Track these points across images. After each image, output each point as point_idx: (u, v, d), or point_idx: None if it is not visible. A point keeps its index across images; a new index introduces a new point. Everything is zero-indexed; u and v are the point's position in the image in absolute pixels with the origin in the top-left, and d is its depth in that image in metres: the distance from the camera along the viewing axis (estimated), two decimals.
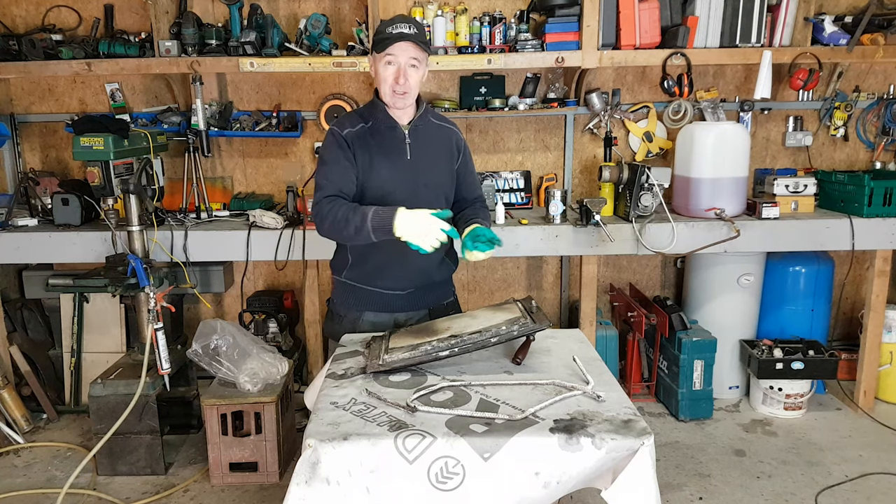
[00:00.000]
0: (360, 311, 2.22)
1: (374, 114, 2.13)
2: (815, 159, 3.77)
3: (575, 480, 1.42)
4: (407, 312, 2.24)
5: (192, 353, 2.83)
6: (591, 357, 1.85)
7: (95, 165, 2.74)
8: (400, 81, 2.02)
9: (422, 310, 2.26)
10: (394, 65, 2.03)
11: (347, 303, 2.25)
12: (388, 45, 1.99)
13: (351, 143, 2.09)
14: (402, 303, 2.22)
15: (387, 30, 2.00)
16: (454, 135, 2.25)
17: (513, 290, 3.94)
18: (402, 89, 2.03)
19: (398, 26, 1.99)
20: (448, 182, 2.23)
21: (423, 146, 2.15)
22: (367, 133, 2.11)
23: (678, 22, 3.27)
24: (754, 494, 2.71)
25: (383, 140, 2.11)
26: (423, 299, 2.25)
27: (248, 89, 3.69)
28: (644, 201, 3.10)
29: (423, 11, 3.34)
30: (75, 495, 2.78)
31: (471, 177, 2.32)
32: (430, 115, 2.22)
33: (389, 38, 1.99)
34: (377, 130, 2.12)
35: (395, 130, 2.11)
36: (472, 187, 2.31)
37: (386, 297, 2.20)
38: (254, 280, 3.89)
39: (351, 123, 2.13)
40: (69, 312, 3.56)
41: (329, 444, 1.40)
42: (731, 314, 3.47)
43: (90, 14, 3.55)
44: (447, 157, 2.22)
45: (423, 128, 2.17)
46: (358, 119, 2.15)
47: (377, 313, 2.22)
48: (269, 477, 2.86)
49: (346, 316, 2.24)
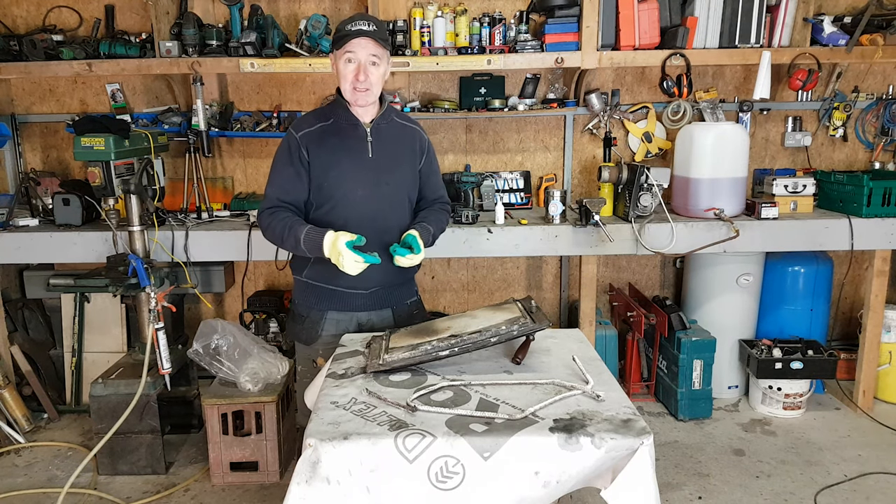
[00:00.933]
0: (323, 311, 2.22)
1: (336, 111, 2.14)
2: (814, 159, 3.78)
3: (574, 480, 1.42)
4: (369, 312, 2.23)
5: (192, 353, 2.84)
6: (590, 357, 1.85)
7: (96, 166, 2.74)
8: (360, 78, 2.03)
9: (385, 308, 2.26)
10: (354, 62, 2.04)
11: (309, 302, 2.24)
12: (347, 42, 2.00)
13: (305, 145, 2.10)
14: (365, 302, 2.21)
15: (346, 27, 2.01)
16: (417, 135, 2.25)
17: (512, 290, 3.95)
18: (364, 86, 2.04)
19: (357, 23, 2.00)
20: (410, 181, 2.23)
21: (386, 145, 2.15)
22: (327, 131, 2.12)
23: (677, 22, 3.28)
24: (753, 494, 2.72)
25: (345, 138, 2.12)
26: (386, 298, 2.24)
27: (249, 90, 3.70)
28: (643, 201, 3.10)
29: (423, 12, 3.35)
30: (76, 495, 2.79)
31: (434, 177, 2.33)
32: (393, 114, 2.22)
33: (348, 35, 2.00)
34: (339, 128, 2.13)
35: (357, 128, 2.12)
36: (434, 187, 2.33)
37: (348, 295, 2.19)
38: (254, 280, 3.89)
39: (309, 123, 2.14)
40: (70, 312, 3.57)
41: (329, 444, 1.40)
42: (731, 314, 3.48)
43: (91, 14, 3.55)
44: (410, 156, 2.22)
45: (386, 126, 2.17)
46: (318, 117, 2.16)
47: (340, 312, 2.21)
48: (270, 476, 2.86)
49: (309, 316, 2.23)
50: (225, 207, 3.57)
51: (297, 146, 2.11)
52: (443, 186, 2.39)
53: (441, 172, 3.67)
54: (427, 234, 2.15)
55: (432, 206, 2.31)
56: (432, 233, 2.19)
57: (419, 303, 2.38)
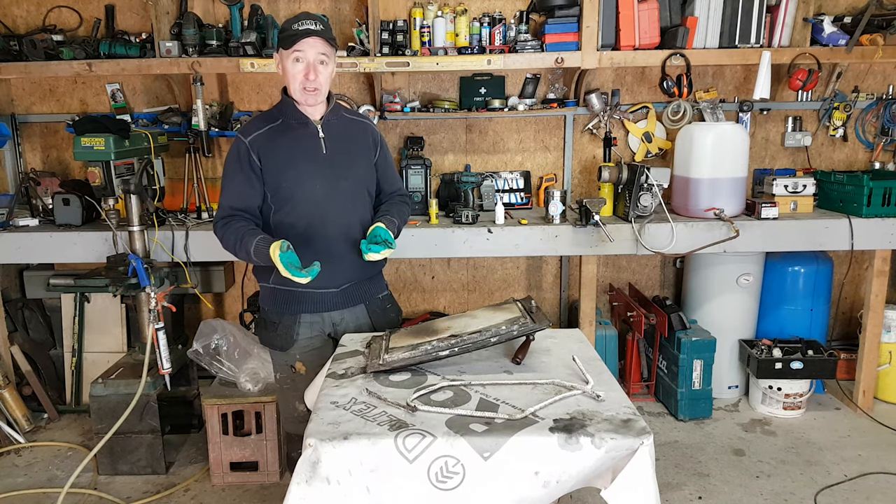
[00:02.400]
0: (296, 315, 2.19)
1: (284, 111, 2.13)
2: (814, 159, 3.78)
3: (574, 480, 1.42)
4: (342, 310, 2.22)
5: (192, 353, 2.84)
6: (590, 357, 1.86)
7: (96, 166, 2.74)
8: (310, 77, 2.03)
9: (357, 305, 2.24)
10: (302, 61, 2.03)
11: (280, 308, 2.21)
12: (295, 42, 1.99)
13: (255, 147, 2.08)
14: (337, 300, 2.19)
15: (292, 27, 2.00)
16: (369, 129, 2.25)
17: (512, 290, 3.95)
18: (313, 85, 2.04)
19: (304, 23, 1.99)
20: (368, 175, 2.23)
21: (339, 140, 2.15)
22: (276, 132, 2.11)
23: (677, 22, 3.28)
24: (753, 494, 2.72)
25: (296, 137, 2.11)
26: (358, 294, 2.23)
27: (249, 90, 3.70)
28: (643, 201, 3.10)
29: (423, 12, 3.35)
30: (76, 495, 2.79)
31: (390, 170, 2.33)
32: (342, 111, 2.22)
33: (296, 35, 1.99)
34: (288, 127, 2.11)
35: (308, 126, 2.11)
36: (391, 180, 2.32)
37: (320, 296, 2.17)
38: (254, 280, 3.88)
39: (257, 126, 2.12)
40: (70, 312, 3.57)
41: (329, 444, 1.40)
42: (731, 314, 3.48)
43: (91, 15, 3.55)
44: (364, 150, 2.22)
45: (337, 122, 2.17)
46: (265, 120, 2.14)
47: (313, 314, 2.19)
48: (270, 476, 2.87)
49: (281, 322, 2.20)
50: None
51: (247, 151, 2.08)
52: (399, 179, 2.39)
53: (441, 172, 3.68)
54: (392, 226, 2.14)
55: (392, 199, 2.30)
56: (397, 225, 2.19)
57: (390, 296, 2.38)
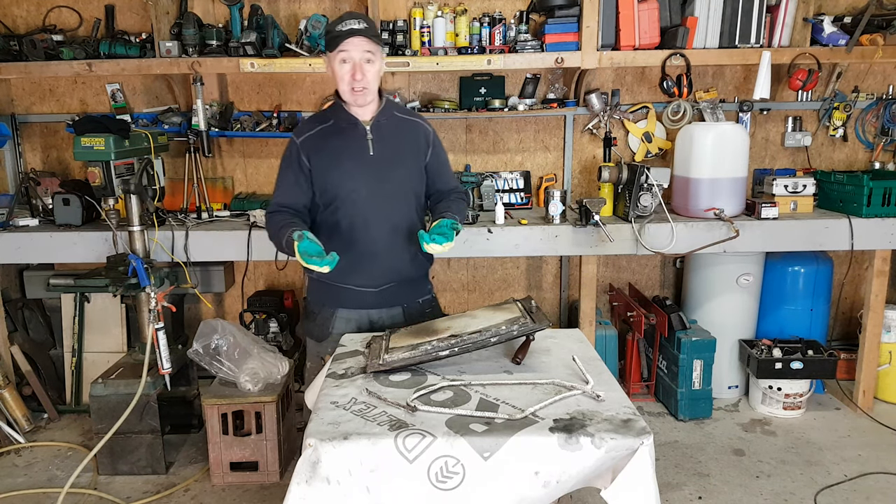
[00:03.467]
0: (333, 308, 2.22)
1: (336, 113, 2.16)
2: (814, 159, 3.78)
3: (574, 480, 1.42)
4: (380, 309, 2.22)
5: (192, 353, 2.84)
6: (590, 357, 1.85)
7: (96, 166, 2.74)
8: (357, 77, 2.04)
9: (395, 307, 2.24)
10: (349, 62, 2.04)
11: (320, 300, 2.25)
12: (340, 42, 2.00)
13: (305, 148, 2.13)
14: (375, 300, 2.20)
15: (336, 28, 2.01)
16: (421, 128, 2.23)
17: (512, 290, 3.95)
18: (361, 85, 2.05)
19: (347, 23, 2.00)
20: (415, 176, 2.22)
21: (387, 141, 2.15)
22: (327, 133, 2.14)
23: (677, 22, 3.28)
24: (753, 494, 2.72)
25: (345, 138, 2.13)
26: (397, 296, 2.23)
27: (249, 90, 3.70)
28: (643, 201, 3.10)
29: (423, 12, 3.35)
30: (76, 495, 2.79)
31: (444, 168, 2.31)
32: (394, 110, 2.21)
33: (340, 35, 1.99)
34: (338, 129, 2.14)
35: (357, 127, 2.13)
36: (445, 178, 2.31)
37: (358, 293, 2.19)
38: (254, 280, 3.89)
39: (309, 127, 2.17)
40: (70, 312, 3.57)
41: (329, 444, 1.40)
42: (731, 314, 3.48)
43: (91, 15, 3.55)
44: (413, 151, 2.20)
45: (387, 123, 2.17)
46: (318, 121, 2.18)
47: (350, 310, 2.21)
48: (270, 476, 2.86)
49: (320, 313, 2.24)
50: (225, 207, 3.57)
51: (297, 151, 2.14)
52: (454, 178, 2.37)
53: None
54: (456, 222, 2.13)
55: (449, 197, 2.28)
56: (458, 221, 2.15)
57: (433, 301, 2.35)
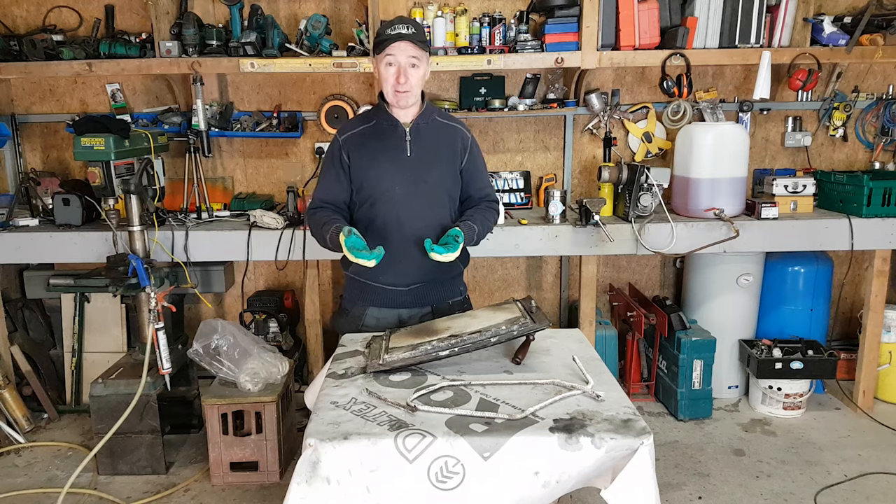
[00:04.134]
0: (365, 307, 2.27)
1: (378, 113, 2.22)
2: (814, 159, 3.78)
3: (574, 480, 1.42)
4: (410, 309, 2.26)
5: (192, 353, 2.84)
6: (590, 357, 1.86)
7: (96, 166, 2.74)
8: (401, 81, 2.09)
9: (425, 307, 2.28)
10: (394, 65, 2.10)
11: (353, 298, 2.30)
12: (387, 46, 2.06)
13: (346, 146, 2.20)
14: (406, 299, 2.24)
15: (385, 31, 2.08)
16: (459, 133, 2.27)
17: (513, 290, 3.95)
18: (404, 88, 2.10)
19: (396, 27, 2.06)
20: (450, 179, 2.25)
21: (425, 144, 2.20)
22: (368, 132, 2.21)
23: (677, 22, 3.28)
24: (753, 494, 2.72)
25: (385, 138, 2.18)
26: (427, 296, 2.26)
27: (249, 90, 3.70)
28: (643, 201, 3.10)
29: (423, 12, 3.35)
30: (76, 495, 2.79)
31: (479, 175, 2.33)
32: (435, 114, 2.26)
33: (388, 39, 2.06)
34: (379, 129, 2.20)
35: (397, 129, 2.18)
36: (478, 185, 2.33)
37: (389, 292, 2.23)
38: (254, 280, 3.89)
39: (353, 126, 2.24)
40: (70, 312, 3.57)
41: (329, 444, 1.40)
42: (731, 314, 3.48)
43: (91, 14, 3.55)
44: (451, 155, 2.24)
45: (426, 126, 2.21)
46: (361, 120, 2.26)
47: (380, 308, 2.26)
48: (270, 476, 2.86)
49: (352, 311, 2.29)
50: (225, 207, 3.57)
51: (339, 149, 2.20)
52: (490, 185, 2.38)
53: None
54: (471, 232, 2.15)
55: (479, 205, 2.31)
56: (477, 231, 2.18)
57: (464, 302, 2.36)
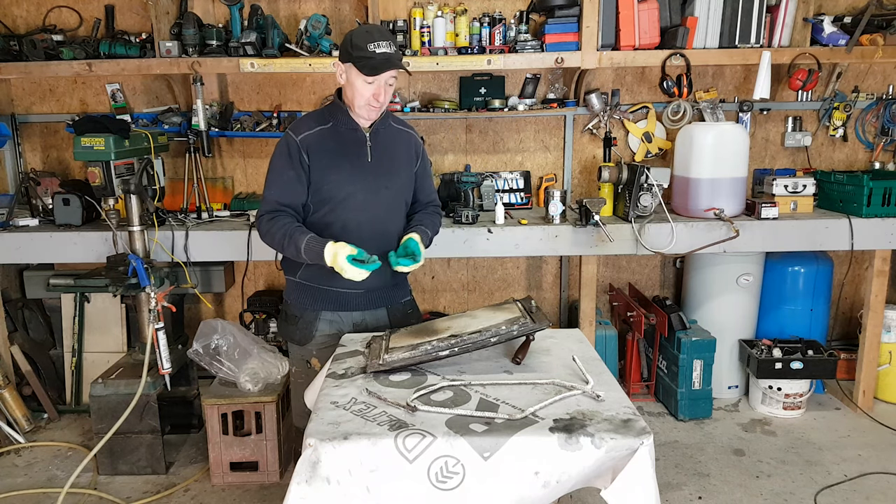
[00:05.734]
0: (317, 311, 2.22)
1: (336, 115, 2.15)
2: (814, 159, 3.78)
3: (574, 480, 1.42)
4: (363, 311, 2.25)
5: (192, 353, 2.84)
6: (590, 357, 1.86)
7: (96, 166, 2.74)
8: (380, 99, 2.07)
9: (379, 308, 2.27)
10: (374, 83, 2.04)
11: (303, 303, 2.24)
12: (377, 73, 2.00)
13: (305, 146, 2.10)
14: (360, 301, 2.22)
15: (368, 47, 1.98)
16: (413, 139, 2.29)
17: (512, 290, 3.95)
18: (380, 105, 2.09)
19: (379, 45, 1.99)
20: (407, 184, 2.27)
21: (384, 149, 2.19)
22: (326, 134, 2.14)
23: (677, 22, 3.28)
24: (753, 494, 2.72)
25: (344, 142, 2.14)
26: (381, 298, 2.26)
27: (249, 90, 3.70)
28: (643, 201, 3.10)
29: (423, 12, 3.35)
30: (76, 495, 2.79)
31: (427, 180, 2.37)
32: (390, 119, 2.25)
33: (376, 66, 1.99)
34: (338, 132, 2.14)
35: (357, 133, 2.15)
36: (427, 191, 2.37)
37: (343, 295, 2.20)
38: (254, 280, 3.89)
39: (308, 126, 2.14)
40: (70, 312, 3.57)
41: (329, 444, 1.40)
42: (731, 314, 3.48)
43: (91, 15, 3.55)
44: (407, 160, 2.26)
45: (384, 131, 2.20)
46: (317, 121, 2.16)
47: (334, 312, 2.22)
48: (270, 476, 2.86)
49: (302, 317, 2.24)
50: (225, 207, 3.57)
51: (297, 149, 2.10)
52: (434, 191, 2.43)
53: (441, 172, 3.71)
54: (426, 237, 2.20)
55: (426, 209, 2.35)
56: (430, 236, 2.24)
57: (413, 302, 2.41)
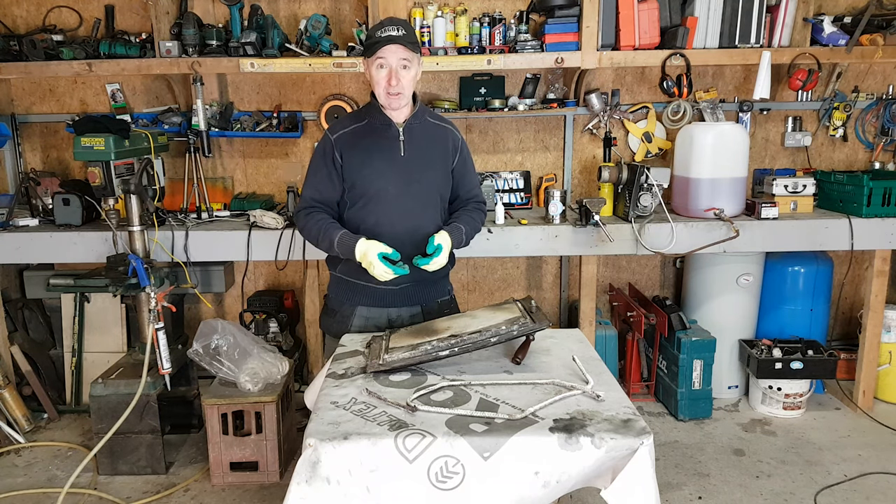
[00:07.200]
0: (353, 306, 2.26)
1: (371, 113, 2.22)
2: (814, 159, 3.78)
3: (574, 480, 1.42)
4: (399, 308, 2.27)
5: (192, 353, 2.84)
6: (590, 357, 1.86)
7: (96, 166, 2.74)
8: (392, 83, 2.09)
9: (414, 306, 2.29)
10: (385, 67, 2.10)
11: (341, 297, 2.29)
12: (378, 49, 2.07)
13: (339, 145, 2.18)
14: (395, 298, 2.24)
15: (375, 34, 2.08)
16: (451, 134, 2.29)
17: (512, 290, 3.95)
18: (396, 90, 2.11)
19: (386, 29, 2.06)
20: (442, 180, 2.27)
21: (418, 144, 2.21)
22: (361, 131, 2.20)
23: (677, 22, 3.28)
24: (753, 494, 2.72)
25: (378, 138, 2.18)
26: (417, 295, 2.27)
27: (249, 90, 3.70)
28: (643, 201, 3.10)
29: (423, 12, 3.35)
30: (76, 495, 2.79)
31: (469, 176, 2.36)
32: (426, 115, 2.27)
33: (378, 42, 2.06)
34: (372, 129, 2.20)
35: (390, 128, 2.18)
36: (468, 187, 2.36)
37: (378, 291, 2.22)
38: (254, 280, 3.89)
39: (344, 125, 2.23)
40: (70, 312, 3.57)
41: (329, 444, 1.40)
42: (731, 314, 3.48)
43: (91, 15, 3.55)
44: (442, 155, 2.26)
45: (419, 126, 2.22)
46: (353, 119, 2.25)
47: (370, 308, 2.26)
48: (270, 476, 2.86)
49: (340, 310, 2.28)
50: (225, 207, 3.57)
51: (331, 148, 2.19)
52: (478, 186, 2.41)
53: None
54: (459, 233, 2.19)
55: (466, 206, 2.34)
56: (465, 232, 2.22)
57: (451, 302, 2.39)
